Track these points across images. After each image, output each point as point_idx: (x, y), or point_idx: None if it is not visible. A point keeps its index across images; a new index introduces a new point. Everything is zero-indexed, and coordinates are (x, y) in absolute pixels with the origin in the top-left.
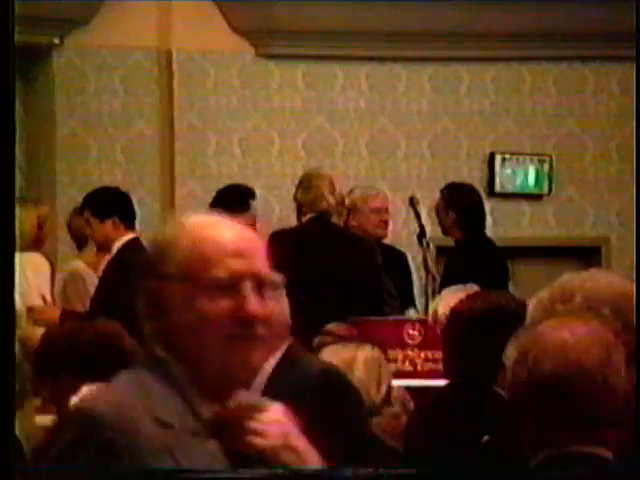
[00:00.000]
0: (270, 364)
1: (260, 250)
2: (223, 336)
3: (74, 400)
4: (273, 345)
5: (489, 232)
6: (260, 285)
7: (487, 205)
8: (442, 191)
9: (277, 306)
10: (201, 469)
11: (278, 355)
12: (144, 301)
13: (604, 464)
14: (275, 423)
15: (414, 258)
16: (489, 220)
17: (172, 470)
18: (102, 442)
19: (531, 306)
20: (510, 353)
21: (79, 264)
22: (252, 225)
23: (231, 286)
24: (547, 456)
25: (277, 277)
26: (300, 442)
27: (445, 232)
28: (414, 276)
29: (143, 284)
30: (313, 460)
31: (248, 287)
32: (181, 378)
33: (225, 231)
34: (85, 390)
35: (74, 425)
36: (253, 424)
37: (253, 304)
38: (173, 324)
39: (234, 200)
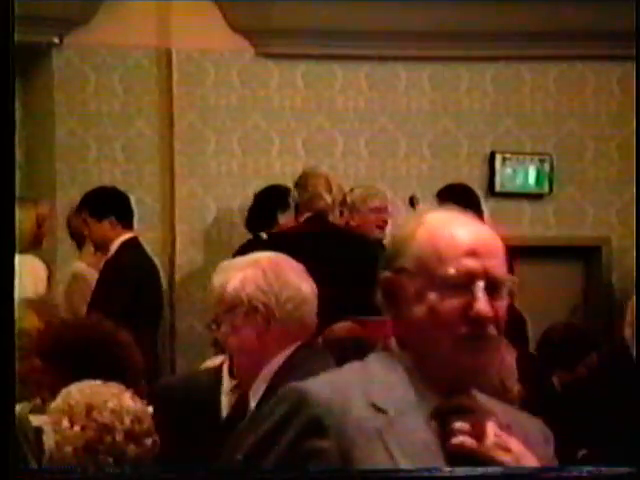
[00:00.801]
0: (275, 364)
1: (497, 250)
2: (453, 334)
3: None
4: (501, 345)
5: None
6: (493, 285)
7: (487, 205)
8: (438, 193)
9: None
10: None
11: (283, 357)
12: (381, 292)
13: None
14: (490, 424)
15: None
16: (489, 220)
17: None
18: (310, 417)
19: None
20: None
21: (81, 265)
22: (291, 220)
23: (463, 285)
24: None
25: (511, 279)
26: (514, 444)
27: None
28: None
29: (381, 276)
30: (528, 462)
31: (480, 287)
32: (410, 369)
33: (462, 229)
34: (65, 390)
35: (287, 401)
36: (466, 425)
37: (483, 305)
38: (405, 317)
39: (277, 201)
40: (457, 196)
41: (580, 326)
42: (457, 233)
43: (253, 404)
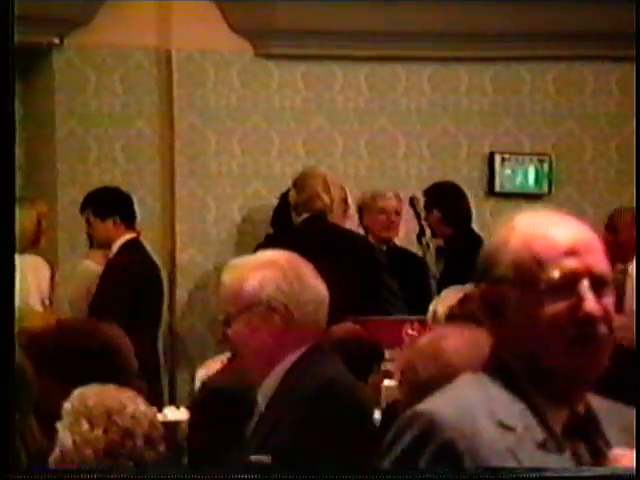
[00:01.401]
0: (286, 365)
1: (595, 246)
2: (564, 338)
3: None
4: (613, 344)
5: (489, 231)
6: (597, 283)
7: (487, 205)
8: (425, 192)
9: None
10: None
11: (293, 358)
12: (481, 304)
13: None
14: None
15: None
16: (489, 220)
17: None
18: (443, 442)
19: None
20: (396, 366)
21: (92, 264)
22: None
23: (567, 286)
24: None
25: (615, 274)
26: None
27: (434, 233)
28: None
29: (479, 287)
30: None
31: (585, 287)
32: (523, 381)
33: (557, 228)
34: (77, 392)
35: (415, 426)
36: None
37: (592, 304)
38: (511, 327)
39: None
40: (445, 194)
41: None
42: (553, 233)
43: (262, 405)
